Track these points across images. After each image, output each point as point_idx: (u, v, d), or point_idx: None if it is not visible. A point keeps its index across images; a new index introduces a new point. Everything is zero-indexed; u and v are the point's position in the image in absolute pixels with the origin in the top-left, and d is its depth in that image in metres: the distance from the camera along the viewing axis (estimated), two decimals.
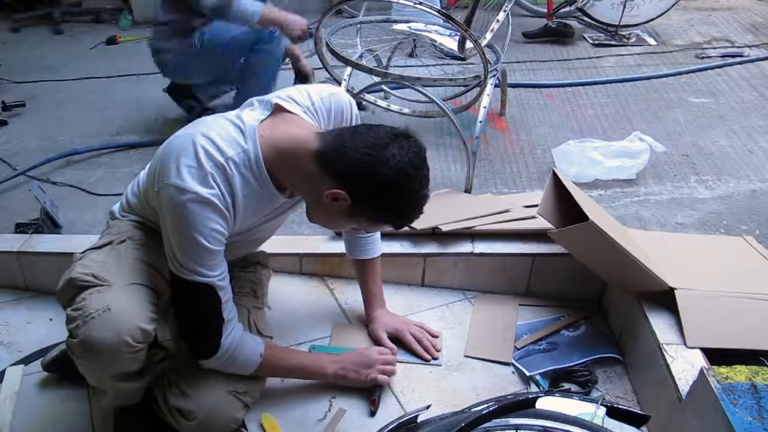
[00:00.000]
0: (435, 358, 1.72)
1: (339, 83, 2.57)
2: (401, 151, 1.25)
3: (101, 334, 1.25)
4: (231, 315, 1.39)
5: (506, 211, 2.01)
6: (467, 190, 2.31)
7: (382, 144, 1.26)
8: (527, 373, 1.66)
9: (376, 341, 1.74)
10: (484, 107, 2.37)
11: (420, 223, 1.92)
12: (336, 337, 1.79)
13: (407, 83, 2.40)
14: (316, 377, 1.61)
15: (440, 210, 2.03)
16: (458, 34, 2.58)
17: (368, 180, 1.26)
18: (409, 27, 2.76)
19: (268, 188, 1.35)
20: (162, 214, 1.31)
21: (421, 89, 2.41)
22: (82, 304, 1.29)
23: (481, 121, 2.33)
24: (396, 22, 2.89)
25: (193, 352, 1.41)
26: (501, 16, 2.52)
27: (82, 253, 1.44)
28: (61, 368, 1.62)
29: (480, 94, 2.44)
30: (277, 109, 1.37)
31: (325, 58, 2.62)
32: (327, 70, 2.68)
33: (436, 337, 1.78)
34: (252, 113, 1.37)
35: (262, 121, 1.35)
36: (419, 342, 1.73)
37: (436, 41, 2.67)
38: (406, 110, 2.83)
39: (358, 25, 2.94)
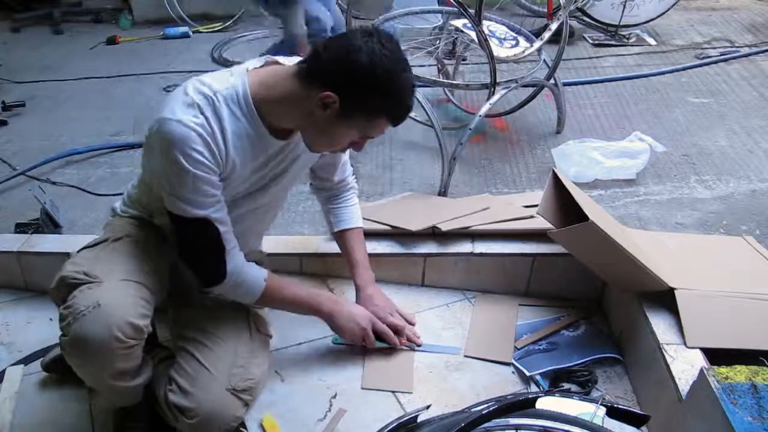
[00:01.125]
0: (418, 345, 1.76)
1: None
2: (371, 38, 1.27)
3: (91, 331, 1.25)
4: (232, 245, 1.43)
5: (487, 208, 2.03)
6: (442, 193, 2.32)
7: (351, 37, 1.29)
8: (527, 373, 1.66)
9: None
10: (480, 116, 2.36)
11: (415, 225, 1.95)
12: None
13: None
14: (311, 311, 1.64)
15: (431, 211, 2.06)
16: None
17: (348, 70, 1.27)
18: (465, 24, 2.74)
19: (257, 125, 1.36)
20: (155, 154, 1.32)
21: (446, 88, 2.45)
22: (73, 301, 1.30)
23: (470, 129, 2.32)
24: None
25: (200, 281, 1.46)
26: (554, 25, 2.52)
27: (77, 252, 1.45)
28: (61, 368, 1.61)
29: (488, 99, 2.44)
30: (271, 62, 1.42)
31: None
32: None
33: (413, 324, 1.81)
34: (245, 64, 1.41)
35: (255, 68, 1.39)
36: (398, 334, 1.74)
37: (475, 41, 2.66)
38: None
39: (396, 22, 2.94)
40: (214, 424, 1.42)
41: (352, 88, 1.28)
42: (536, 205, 1.94)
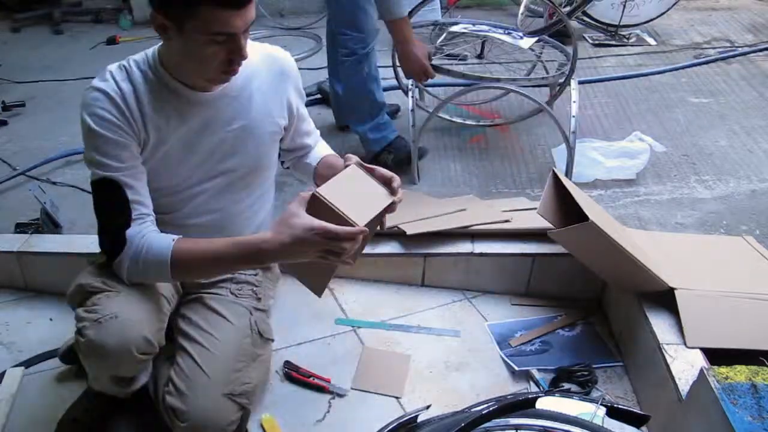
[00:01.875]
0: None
1: (405, 92, 2.55)
2: None
3: (108, 340, 1.28)
4: (141, 212, 1.35)
5: (463, 210, 2.04)
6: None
7: None
8: (516, 368, 1.67)
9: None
10: (574, 102, 2.38)
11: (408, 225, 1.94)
12: None
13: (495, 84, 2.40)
14: (252, 259, 1.30)
15: (404, 209, 2.02)
16: (510, 32, 2.61)
17: None
18: (466, 28, 2.76)
19: (168, 80, 1.35)
20: None
21: (516, 89, 2.46)
22: (94, 307, 1.31)
23: (573, 116, 2.34)
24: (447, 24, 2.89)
25: (103, 250, 1.38)
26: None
27: (96, 260, 1.45)
28: (76, 357, 1.61)
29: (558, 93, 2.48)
30: None
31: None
32: (397, 79, 2.67)
33: None
34: None
35: None
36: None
37: (504, 41, 2.66)
38: (470, 122, 2.84)
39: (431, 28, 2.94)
40: (208, 430, 1.40)
41: None
42: (517, 210, 1.95)
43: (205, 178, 1.47)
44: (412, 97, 2.46)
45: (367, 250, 1.93)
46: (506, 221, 1.97)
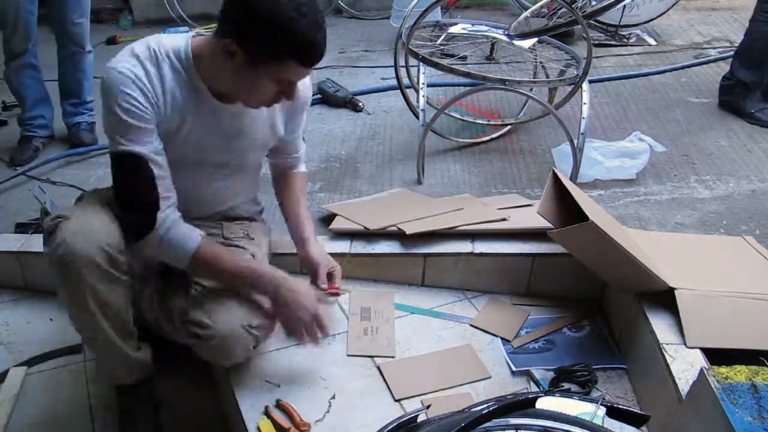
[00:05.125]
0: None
1: (417, 90, 2.55)
2: None
3: (71, 248, 1.32)
4: (168, 193, 1.42)
5: (460, 209, 2.04)
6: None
7: None
8: (513, 368, 1.68)
9: (314, 272, 1.65)
10: (585, 103, 2.37)
11: (376, 224, 1.95)
12: None
13: (506, 86, 2.39)
14: (251, 287, 1.51)
15: (403, 209, 2.07)
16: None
17: (237, 14, 1.28)
18: (465, 29, 2.76)
19: (196, 80, 1.39)
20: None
21: (526, 92, 2.46)
22: (53, 237, 1.35)
23: (584, 118, 2.34)
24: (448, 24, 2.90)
25: (129, 229, 1.42)
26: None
27: None
28: None
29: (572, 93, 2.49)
30: None
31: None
32: (397, 79, 2.68)
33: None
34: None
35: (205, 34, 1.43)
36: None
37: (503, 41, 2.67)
38: (480, 120, 2.84)
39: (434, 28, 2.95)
40: (230, 350, 1.48)
41: (246, 32, 1.28)
42: (512, 207, 1.95)
43: (196, 166, 1.53)
44: (424, 96, 2.46)
45: (366, 249, 1.94)
46: (503, 219, 1.97)
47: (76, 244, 1.32)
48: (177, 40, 1.39)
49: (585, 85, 2.39)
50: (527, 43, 2.55)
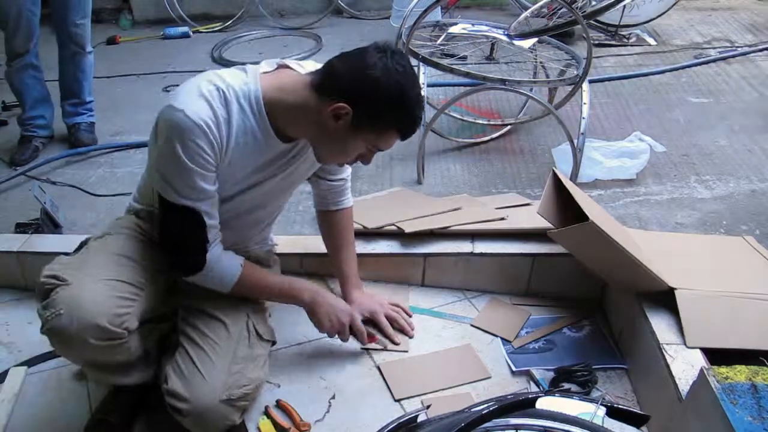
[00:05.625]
0: (410, 336, 1.78)
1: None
2: (384, 54, 1.32)
3: (65, 330, 1.29)
4: (215, 238, 1.46)
5: (458, 208, 2.04)
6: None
7: (364, 52, 1.33)
8: (514, 368, 1.68)
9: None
10: (585, 103, 2.38)
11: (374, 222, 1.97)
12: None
13: (506, 86, 2.40)
14: (291, 300, 1.64)
15: (402, 209, 2.08)
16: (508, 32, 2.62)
17: (362, 84, 1.31)
18: (465, 29, 2.76)
19: (265, 125, 1.38)
20: (159, 140, 1.35)
21: (526, 92, 2.47)
22: (50, 301, 1.32)
23: (584, 118, 2.35)
24: (447, 24, 2.90)
25: (179, 268, 1.48)
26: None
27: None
28: None
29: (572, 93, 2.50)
30: (282, 66, 1.43)
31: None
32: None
33: (410, 316, 1.84)
34: (259, 65, 1.42)
35: (266, 72, 1.41)
36: (393, 323, 1.78)
37: (502, 41, 2.67)
38: (481, 120, 2.84)
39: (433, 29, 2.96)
40: (209, 425, 1.42)
41: (366, 102, 1.31)
42: (510, 207, 1.95)
43: (243, 198, 1.52)
44: (424, 96, 2.46)
45: (366, 249, 1.94)
46: (501, 219, 1.97)
47: (73, 324, 1.28)
48: (244, 79, 1.36)
49: (585, 85, 2.39)
50: (527, 43, 2.55)
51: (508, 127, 2.82)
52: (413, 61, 2.54)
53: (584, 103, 2.36)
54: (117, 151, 2.78)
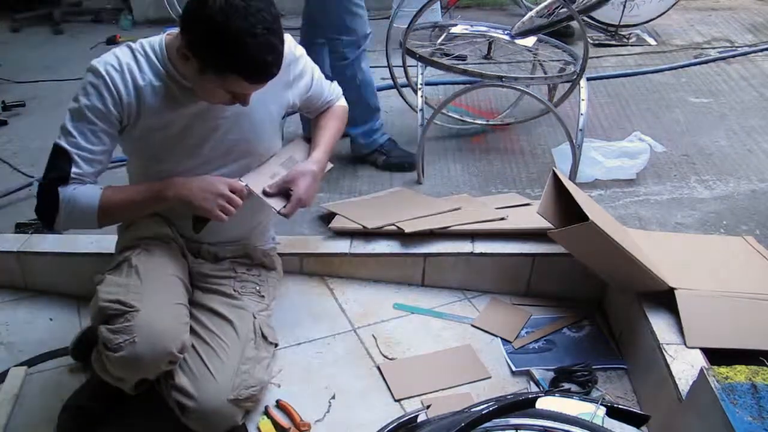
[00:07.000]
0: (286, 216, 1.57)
1: (415, 91, 2.56)
2: None
3: (142, 357, 1.33)
4: (78, 182, 1.42)
5: (458, 208, 2.04)
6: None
7: None
8: (514, 368, 1.68)
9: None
10: (583, 99, 2.38)
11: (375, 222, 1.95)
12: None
13: (504, 83, 2.39)
14: (160, 203, 1.49)
15: (401, 209, 2.07)
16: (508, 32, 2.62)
17: (196, 24, 1.28)
18: (466, 29, 2.77)
19: (172, 73, 1.40)
20: None
21: (523, 88, 2.46)
22: (121, 326, 1.34)
23: (582, 114, 2.34)
24: (448, 25, 2.90)
25: (41, 218, 1.46)
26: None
27: (102, 275, 1.46)
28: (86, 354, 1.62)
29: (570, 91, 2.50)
30: None
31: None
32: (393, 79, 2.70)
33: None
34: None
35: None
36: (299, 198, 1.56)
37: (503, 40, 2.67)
38: (480, 120, 2.84)
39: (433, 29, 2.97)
40: (212, 424, 1.44)
41: (200, 42, 1.29)
42: (510, 207, 1.94)
43: (211, 163, 1.51)
44: (422, 96, 2.46)
45: (366, 249, 1.94)
46: (501, 219, 1.97)
47: (148, 352, 1.33)
48: (155, 38, 1.44)
49: (583, 82, 2.39)
50: (529, 41, 2.54)
51: (508, 122, 2.82)
52: (411, 61, 2.59)
53: (582, 100, 2.36)
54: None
